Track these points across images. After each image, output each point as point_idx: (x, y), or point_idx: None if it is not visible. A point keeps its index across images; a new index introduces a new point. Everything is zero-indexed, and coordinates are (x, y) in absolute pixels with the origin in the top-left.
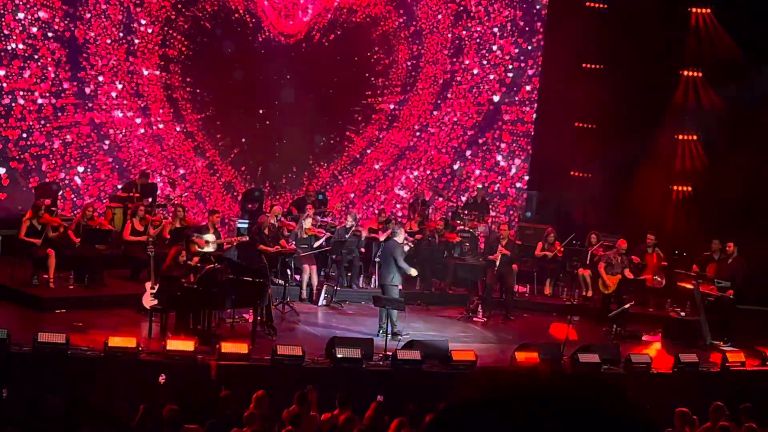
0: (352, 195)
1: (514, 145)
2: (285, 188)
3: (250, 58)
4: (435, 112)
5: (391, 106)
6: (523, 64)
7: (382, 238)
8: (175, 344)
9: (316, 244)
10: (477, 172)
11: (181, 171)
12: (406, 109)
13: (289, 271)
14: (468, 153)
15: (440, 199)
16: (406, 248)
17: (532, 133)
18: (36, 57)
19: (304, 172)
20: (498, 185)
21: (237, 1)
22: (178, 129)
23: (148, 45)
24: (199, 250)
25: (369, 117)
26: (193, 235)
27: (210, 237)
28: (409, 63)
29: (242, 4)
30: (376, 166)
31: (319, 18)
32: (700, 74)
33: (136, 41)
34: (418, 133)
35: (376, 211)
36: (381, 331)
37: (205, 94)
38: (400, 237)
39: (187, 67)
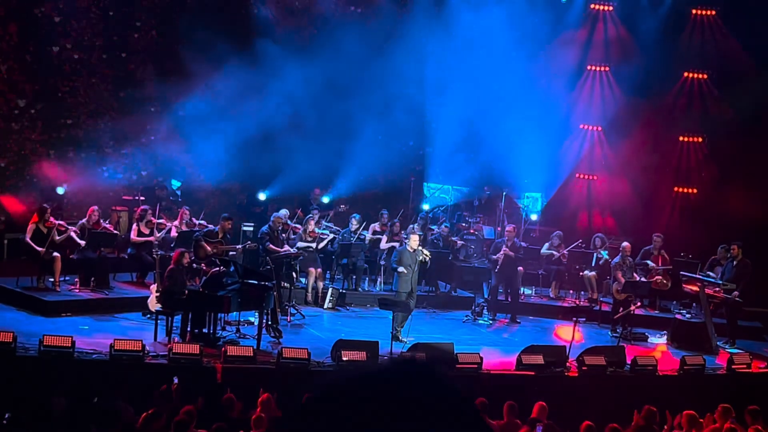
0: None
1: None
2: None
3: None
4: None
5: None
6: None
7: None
8: (180, 347)
9: (320, 246)
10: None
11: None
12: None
13: (294, 274)
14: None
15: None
16: (420, 256)
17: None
18: None
19: (311, 175)
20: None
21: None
22: None
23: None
24: (207, 254)
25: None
26: (202, 239)
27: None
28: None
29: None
30: None
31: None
32: (705, 76)
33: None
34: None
35: (384, 213)
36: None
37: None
38: (413, 243)
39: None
